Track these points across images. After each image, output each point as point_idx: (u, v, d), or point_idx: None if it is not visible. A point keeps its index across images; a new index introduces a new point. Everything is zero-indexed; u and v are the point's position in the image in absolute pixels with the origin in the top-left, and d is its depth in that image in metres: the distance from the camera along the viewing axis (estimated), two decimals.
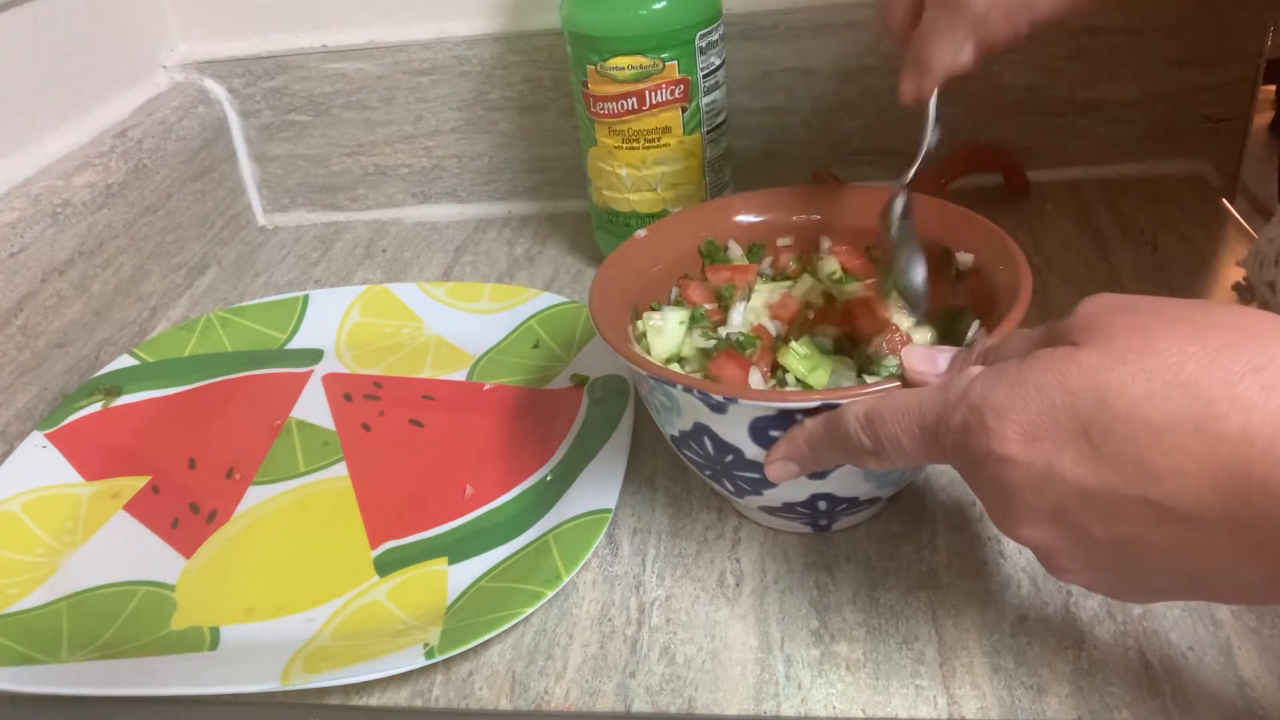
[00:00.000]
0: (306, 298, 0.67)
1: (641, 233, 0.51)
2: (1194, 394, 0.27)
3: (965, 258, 0.47)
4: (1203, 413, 0.27)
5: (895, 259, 0.45)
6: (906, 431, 0.34)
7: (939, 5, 0.44)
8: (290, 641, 0.44)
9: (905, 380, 0.37)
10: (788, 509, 0.44)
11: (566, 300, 0.64)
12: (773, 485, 0.41)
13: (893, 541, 0.45)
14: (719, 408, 0.39)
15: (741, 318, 0.48)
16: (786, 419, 0.39)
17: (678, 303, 0.50)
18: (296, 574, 0.48)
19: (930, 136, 0.47)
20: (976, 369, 0.33)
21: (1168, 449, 0.27)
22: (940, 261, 0.48)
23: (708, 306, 0.49)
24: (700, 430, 0.41)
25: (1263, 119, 1.07)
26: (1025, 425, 0.30)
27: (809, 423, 0.38)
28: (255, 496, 0.53)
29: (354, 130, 0.79)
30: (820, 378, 0.43)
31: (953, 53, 0.44)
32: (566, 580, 0.43)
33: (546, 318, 0.63)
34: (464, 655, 0.42)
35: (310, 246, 0.79)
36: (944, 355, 0.38)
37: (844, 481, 0.41)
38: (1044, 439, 0.30)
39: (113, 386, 0.61)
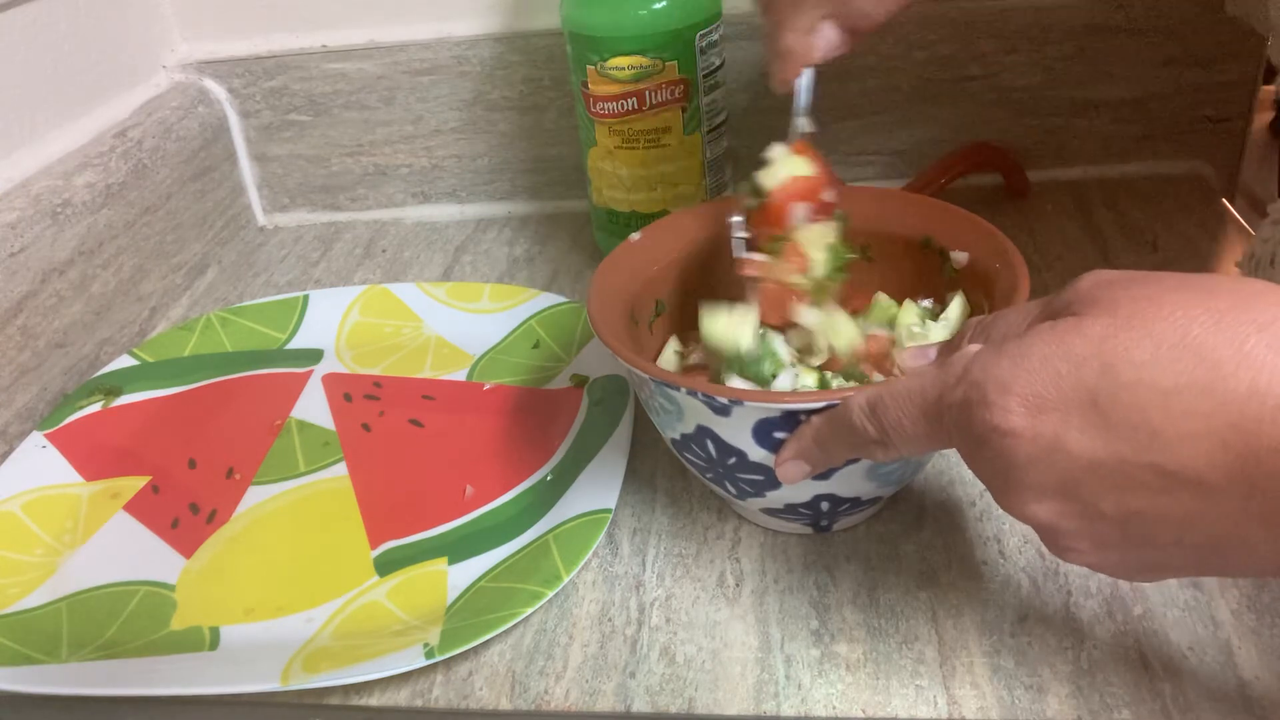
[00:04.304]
0: (306, 298, 0.67)
1: (635, 236, 0.51)
2: (1201, 355, 0.27)
3: (960, 256, 0.47)
4: (1211, 374, 0.27)
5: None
6: (909, 416, 0.34)
7: (782, 5, 0.43)
8: (290, 641, 0.44)
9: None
10: (790, 510, 0.44)
11: (566, 300, 0.64)
12: (776, 487, 0.41)
13: (893, 541, 0.45)
14: (723, 410, 0.39)
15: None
16: (791, 420, 0.39)
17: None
18: (296, 574, 0.48)
19: (798, 123, 0.46)
20: (974, 347, 0.33)
21: (1177, 413, 0.27)
22: (936, 260, 0.48)
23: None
24: (703, 433, 0.41)
25: (1263, 119, 1.07)
26: (1030, 397, 0.29)
27: (815, 419, 0.38)
28: (255, 496, 0.53)
29: (354, 130, 0.79)
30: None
31: (806, 40, 0.44)
32: (566, 580, 0.43)
33: (546, 318, 0.63)
34: (464, 655, 0.42)
35: (310, 246, 0.79)
36: (933, 348, 0.38)
37: (847, 481, 0.41)
38: (1050, 410, 0.29)
39: (113, 386, 0.61)
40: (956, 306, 0.46)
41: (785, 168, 0.46)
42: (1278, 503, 0.26)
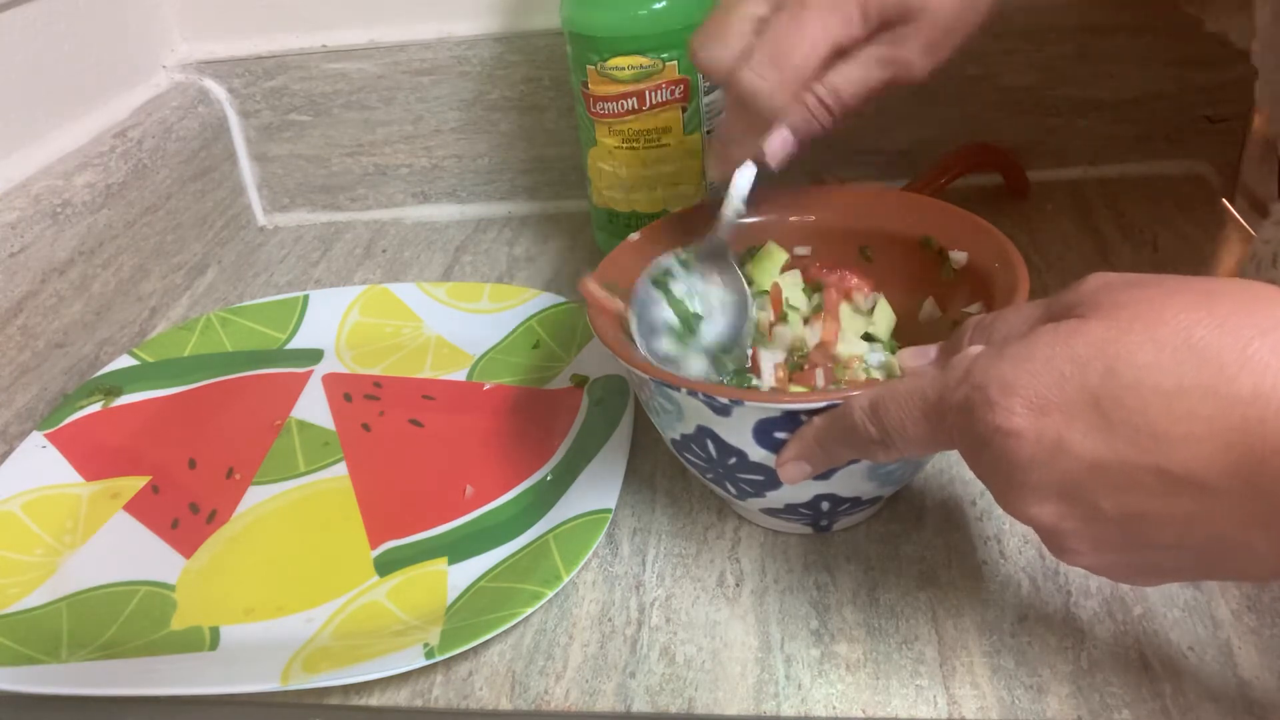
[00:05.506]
0: (306, 298, 0.67)
1: (634, 236, 0.51)
2: (1204, 358, 0.27)
3: (959, 256, 0.47)
4: (1214, 377, 0.27)
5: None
6: (911, 417, 0.34)
7: (734, 108, 0.44)
8: (290, 641, 0.44)
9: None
10: (790, 510, 0.44)
11: (566, 300, 0.64)
12: (777, 487, 0.41)
13: (893, 541, 0.45)
14: (723, 410, 0.39)
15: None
16: (792, 420, 0.39)
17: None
18: (296, 574, 0.48)
19: (732, 206, 0.47)
20: (976, 349, 0.33)
21: (1179, 415, 0.27)
22: (935, 260, 0.48)
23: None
24: (703, 433, 0.41)
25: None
26: (1033, 398, 0.30)
27: (816, 420, 0.38)
28: (255, 496, 0.53)
29: (354, 130, 0.79)
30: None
31: (751, 150, 0.45)
32: (566, 580, 0.43)
33: (546, 318, 0.63)
34: (464, 655, 0.42)
35: (310, 246, 0.79)
36: (933, 347, 0.39)
37: (847, 481, 0.41)
38: (1053, 411, 0.29)
39: (113, 386, 0.61)
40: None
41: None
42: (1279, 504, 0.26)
